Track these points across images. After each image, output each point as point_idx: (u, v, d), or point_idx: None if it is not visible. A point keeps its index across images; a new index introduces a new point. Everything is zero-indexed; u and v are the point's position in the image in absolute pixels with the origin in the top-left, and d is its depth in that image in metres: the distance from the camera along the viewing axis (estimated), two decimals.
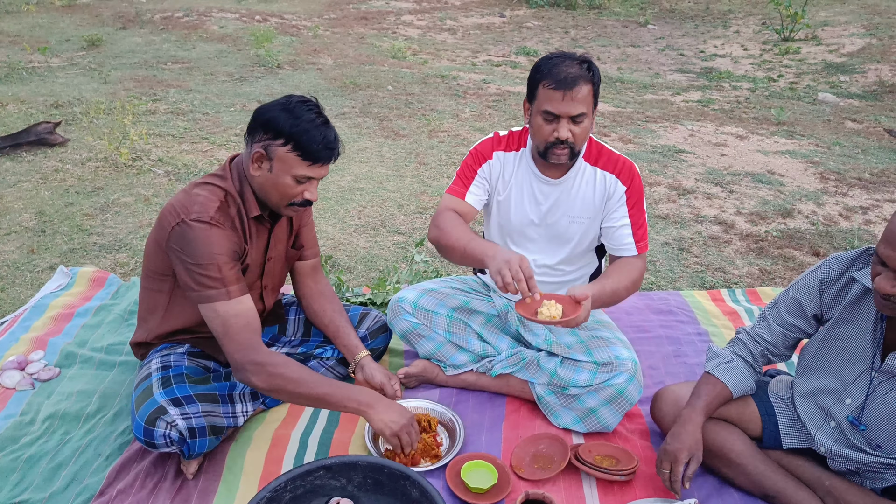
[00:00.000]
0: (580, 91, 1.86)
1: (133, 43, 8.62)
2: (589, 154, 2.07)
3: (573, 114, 1.88)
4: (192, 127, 5.54)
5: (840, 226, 4.09)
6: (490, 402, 2.24)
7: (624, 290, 1.99)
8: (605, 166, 2.06)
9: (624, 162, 2.06)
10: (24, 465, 1.91)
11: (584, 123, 1.91)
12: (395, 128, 5.79)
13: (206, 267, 1.74)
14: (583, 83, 1.86)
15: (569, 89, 1.85)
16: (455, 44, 10.23)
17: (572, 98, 1.85)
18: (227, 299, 1.77)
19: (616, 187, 2.04)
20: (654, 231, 3.92)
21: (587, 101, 1.88)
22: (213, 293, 1.76)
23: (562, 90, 1.85)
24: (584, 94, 1.87)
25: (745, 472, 1.82)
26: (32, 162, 4.57)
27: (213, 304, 1.77)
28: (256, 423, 2.10)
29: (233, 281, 1.78)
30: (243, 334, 1.78)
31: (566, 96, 1.86)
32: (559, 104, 1.87)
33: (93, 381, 2.28)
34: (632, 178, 2.05)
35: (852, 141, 5.95)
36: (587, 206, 2.07)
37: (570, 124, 1.90)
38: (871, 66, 8.64)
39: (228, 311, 1.77)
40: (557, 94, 1.86)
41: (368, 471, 1.66)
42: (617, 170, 2.05)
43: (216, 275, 1.75)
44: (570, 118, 1.89)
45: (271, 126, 1.74)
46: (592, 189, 2.06)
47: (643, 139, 5.78)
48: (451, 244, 1.96)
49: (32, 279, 3.14)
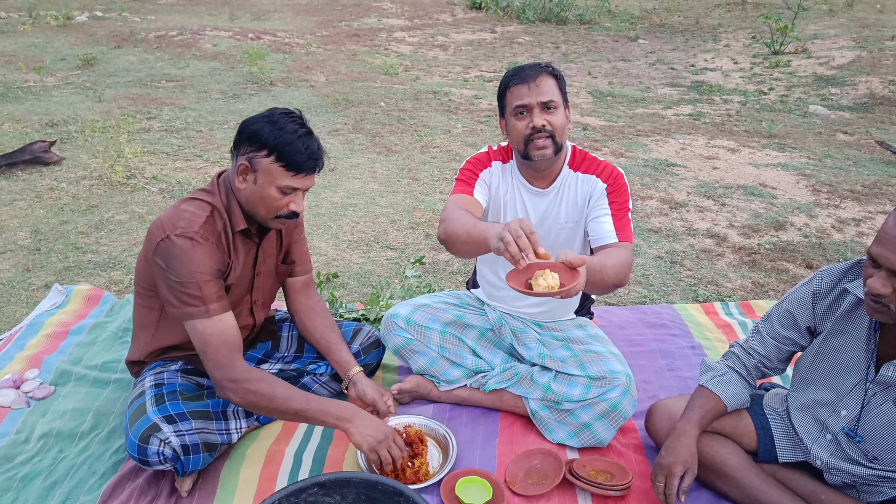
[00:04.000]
0: (543, 81, 1.96)
1: (127, 61, 8.65)
2: (573, 161, 2.12)
3: (542, 100, 1.95)
4: (185, 144, 5.55)
5: (832, 238, 4.12)
6: (484, 418, 2.24)
7: (611, 269, 1.78)
8: (587, 170, 2.10)
9: (606, 166, 2.10)
10: (18, 484, 1.90)
11: (557, 111, 1.98)
12: (388, 144, 5.81)
13: (186, 285, 1.74)
14: (545, 75, 1.97)
15: (532, 80, 1.96)
16: (447, 60, 10.31)
17: (537, 86, 1.95)
18: (207, 317, 1.77)
19: (596, 185, 2.07)
20: (647, 245, 3.94)
21: (553, 91, 1.97)
22: (193, 311, 1.77)
23: (525, 83, 1.96)
24: (550, 85, 1.97)
25: (740, 486, 1.82)
26: (27, 180, 4.58)
27: (192, 322, 1.78)
28: (250, 440, 2.09)
29: (213, 299, 1.78)
30: (221, 352, 1.78)
31: (531, 87, 1.95)
32: (527, 95, 1.96)
33: (87, 399, 2.28)
34: (613, 178, 2.07)
35: (844, 153, 6.00)
36: (573, 210, 2.11)
37: (542, 112, 1.97)
38: (861, 79, 8.73)
39: (207, 329, 1.78)
40: (523, 87, 1.96)
41: (362, 487, 1.65)
42: (598, 171, 2.09)
43: (196, 293, 1.75)
44: (542, 105, 1.96)
45: (255, 138, 1.75)
46: (576, 193, 2.10)
47: (635, 153, 5.82)
48: (456, 231, 1.85)
49: (27, 297, 3.13)
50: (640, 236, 4.05)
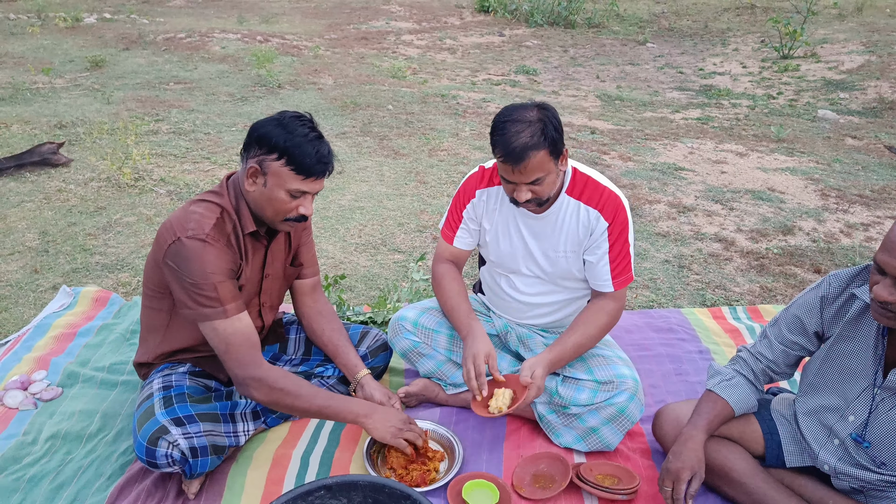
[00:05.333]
0: (530, 162, 1.80)
1: (136, 64, 8.70)
2: (573, 187, 2.02)
3: (528, 181, 1.85)
4: (193, 147, 5.58)
5: (841, 243, 4.10)
6: (491, 421, 2.24)
7: (590, 340, 2.04)
8: (588, 200, 2.00)
9: (608, 196, 1.99)
10: (26, 485, 1.91)
11: (546, 180, 1.86)
12: (395, 147, 5.82)
13: (201, 286, 1.75)
14: (532, 154, 1.79)
15: (516, 164, 1.80)
16: (455, 63, 10.32)
17: (523, 170, 1.81)
18: (225, 318, 1.78)
19: (598, 223, 1.99)
20: (655, 249, 3.93)
21: (541, 166, 1.82)
22: (210, 312, 1.77)
23: (510, 164, 1.82)
24: (536, 163, 1.80)
25: (747, 491, 1.81)
26: (36, 182, 4.60)
27: (211, 323, 1.79)
28: (257, 443, 2.10)
29: (229, 299, 1.79)
30: (243, 350, 1.80)
31: (516, 170, 1.82)
32: (512, 175, 1.85)
33: (95, 401, 2.28)
34: (615, 214, 1.99)
35: (852, 158, 5.97)
36: (573, 241, 2.04)
37: (529, 186, 1.87)
38: (870, 83, 8.69)
39: (227, 330, 1.79)
40: (508, 166, 1.83)
41: (369, 490, 1.65)
42: (600, 205, 1.99)
43: (212, 294, 1.76)
44: (527, 183, 1.86)
45: (265, 141, 1.75)
46: (576, 223, 2.02)
47: (643, 157, 5.81)
48: (441, 301, 2.19)
49: (35, 299, 3.15)
50: (648, 240, 4.03)
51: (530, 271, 2.13)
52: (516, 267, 2.14)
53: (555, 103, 8.08)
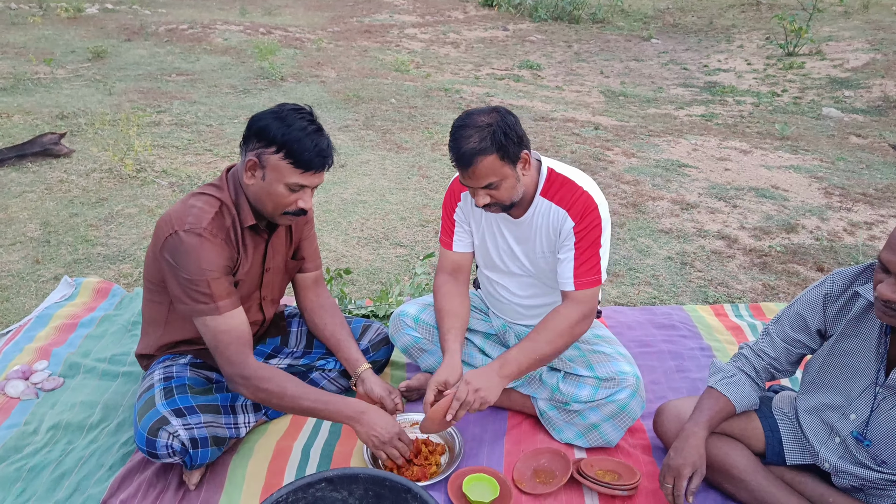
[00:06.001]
0: (479, 166, 1.77)
1: (137, 55, 8.68)
2: (547, 189, 1.97)
3: (480, 186, 1.82)
4: (195, 138, 5.57)
5: (844, 241, 4.09)
6: (492, 417, 2.24)
7: (544, 345, 1.91)
8: (560, 201, 1.95)
9: (580, 197, 1.93)
10: (27, 475, 1.91)
11: (502, 185, 1.83)
12: (398, 141, 5.81)
13: (195, 282, 1.74)
14: (480, 158, 1.76)
15: (466, 168, 1.79)
16: (458, 57, 10.29)
17: (473, 174, 1.80)
18: (218, 314, 1.78)
19: (565, 223, 1.94)
20: (657, 245, 3.92)
21: (493, 171, 1.79)
22: (203, 308, 1.77)
23: (460, 168, 1.81)
24: (486, 167, 1.78)
25: (748, 488, 1.81)
26: (37, 173, 4.60)
27: (203, 319, 1.78)
28: (258, 435, 2.10)
29: (223, 296, 1.78)
30: (231, 349, 1.79)
31: (466, 174, 1.81)
32: (464, 179, 1.84)
33: (96, 392, 2.29)
34: (583, 215, 1.92)
35: (857, 156, 5.96)
36: (547, 242, 2.01)
37: (485, 191, 1.84)
38: (875, 82, 8.66)
39: (218, 327, 1.78)
40: (460, 170, 1.82)
41: (370, 483, 1.65)
42: (569, 204, 1.93)
43: (206, 290, 1.75)
44: (482, 187, 1.83)
45: (264, 134, 1.73)
46: (548, 224, 1.98)
47: (646, 153, 5.80)
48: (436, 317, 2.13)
49: (37, 289, 3.15)
50: (651, 237, 4.03)
51: (521, 271, 2.12)
52: (505, 268, 2.13)
53: (558, 99, 8.06)
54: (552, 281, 2.06)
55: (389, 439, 1.84)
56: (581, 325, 1.95)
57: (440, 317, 2.09)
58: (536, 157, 1.99)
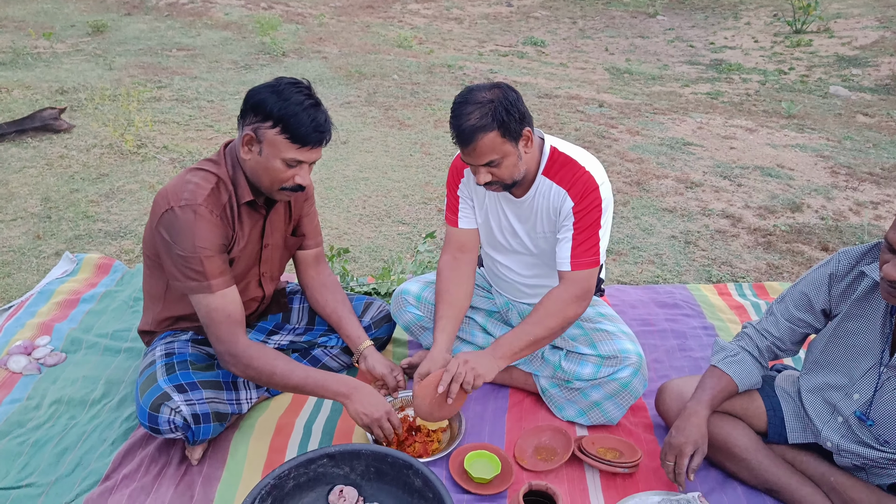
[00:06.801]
0: (479, 143, 1.75)
1: (138, 29, 8.60)
2: (549, 167, 1.94)
3: (481, 163, 1.80)
4: (196, 114, 5.53)
5: (850, 221, 4.06)
6: (493, 394, 2.24)
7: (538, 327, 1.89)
8: (561, 181, 1.92)
9: (582, 176, 1.89)
10: (30, 449, 1.92)
11: (503, 163, 1.81)
12: (401, 117, 5.76)
13: (188, 259, 1.73)
14: (481, 135, 1.74)
15: (466, 145, 1.77)
16: (461, 33, 10.18)
17: (473, 151, 1.77)
18: (210, 292, 1.77)
19: (565, 202, 1.91)
20: (661, 224, 3.90)
21: (493, 148, 1.77)
22: (195, 285, 1.76)
23: (461, 146, 1.79)
24: (487, 144, 1.75)
25: (749, 467, 1.81)
26: (38, 148, 4.57)
27: (195, 296, 1.78)
28: (260, 411, 2.10)
29: (215, 274, 1.77)
30: (223, 327, 1.79)
31: (467, 152, 1.79)
32: (465, 157, 1.82)
33: (98, 367, 2.29)
34: (583, 195, 1.89)
35: (864, 135, 5.90)
36: (547, 221, 1.99)
37: (486, 168, 1.82)
38: (884, 60, 8.56)
39: (210, 305, 1.78)
40: (462, 147, 1.79)
41: (371, 460, 1.65)
42: (570, 184, 1.90)
43: (198, 268, 1.74)
44: (483, 165, 1.81)
45: (260, 108, 1.70)
46: (548, 204, 1.95)
47: (651, 131, 5.75)
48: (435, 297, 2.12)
49: (38, 265, 3.14)
50: (655, 216, 4.00)
51: (523, 250, 2.10)
52: (508, 247, 2.12)
53: (562, 76, 7.98)
54: (554, 261, 2.04)
55: (379, 418, 1.82)
56: (574, 307, 1.92)
57: (437, 300, 2.07)
58: (539, 136, 1.96)
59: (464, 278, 2.12)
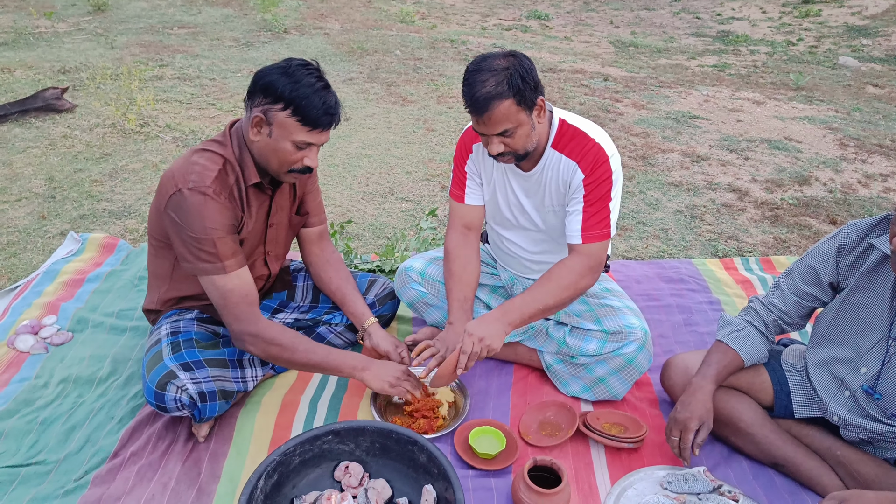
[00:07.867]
0: (495, 111, 1.72)
1: (139, 7, 8.52)
2: (559, 140, 1.92)
3: (495, 132, 1.77)
4: (198, 93, 5.49)
5: (858, 193, 4.02)
6: (498, 370, 2.24)
7: (549, 296, 1.88)
8: (570, 153, 1.90)
9: (592, 148, 1.88)
10: (39, 427, 1.94)
11: (517, 132, 1.78)
12: (403, 93, 5.71)
13: (201, 241, 1.73)
14: (496, 103, 1.71)
15: (481, 114, 1.74)
16: (464, 8, 10.05)
17: (488, 120, 1.74)
18: (224, 273, 1.77)
19: (575, 175, 1.89)
20: (667, 199, 3.87)
21: (508, 117, 1.74)
22: (209, 267, 1.76)
23: (476, 115, 1.75)
24: (502, 113, 1.73)
25: (755, 441, 1.81)
26: (41, 128, 4.56)
27: (210, 278, 1.78)
28: (266, 388, 2.11)
29: (228, 255, 1.77)
30: (240, 307, 1.79)
31: (481, 121, 1.76)
32: (479, 126, 1.79)
33: (105, 346, 2.30)
34: (594, 167, 1.87)
35: (873, 106, 5.82)
36: (556, 195, 1.97)
37: (499, 138, 1.79)
38: (894, 30, 8.41)
39: (225, 286, 1.78)
40: (475, 116, 1.76)
41: (376, 436, 1.66)
42: (580, 156, 1.88)
43: (211, 249, 1.74)
44: (497, 134, 1.79)
45: (270, 90, 1.68)
46: (558, 176, 1.93)
47: (656, 105, 5.68)
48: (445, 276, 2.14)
49: (44, 245, 3.15)
50: (660, 190, 3.97)
51: (531, 226, 2.09)
52: (516, 223, 2.10)
53: (566, 49, 7.88)
54: (562, 237, 2.02)
55: (399, 377, 1.91)
56: (586, 279, 1.92)
57: (451, 281, 2.09)
58: (549, 108, 1.94)
59: (472, 257, 2.13)
